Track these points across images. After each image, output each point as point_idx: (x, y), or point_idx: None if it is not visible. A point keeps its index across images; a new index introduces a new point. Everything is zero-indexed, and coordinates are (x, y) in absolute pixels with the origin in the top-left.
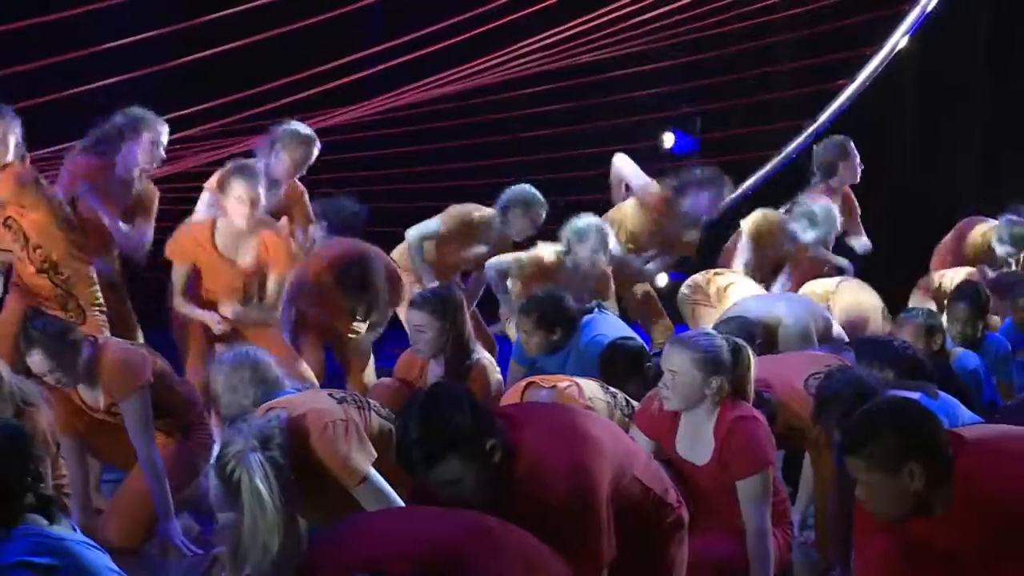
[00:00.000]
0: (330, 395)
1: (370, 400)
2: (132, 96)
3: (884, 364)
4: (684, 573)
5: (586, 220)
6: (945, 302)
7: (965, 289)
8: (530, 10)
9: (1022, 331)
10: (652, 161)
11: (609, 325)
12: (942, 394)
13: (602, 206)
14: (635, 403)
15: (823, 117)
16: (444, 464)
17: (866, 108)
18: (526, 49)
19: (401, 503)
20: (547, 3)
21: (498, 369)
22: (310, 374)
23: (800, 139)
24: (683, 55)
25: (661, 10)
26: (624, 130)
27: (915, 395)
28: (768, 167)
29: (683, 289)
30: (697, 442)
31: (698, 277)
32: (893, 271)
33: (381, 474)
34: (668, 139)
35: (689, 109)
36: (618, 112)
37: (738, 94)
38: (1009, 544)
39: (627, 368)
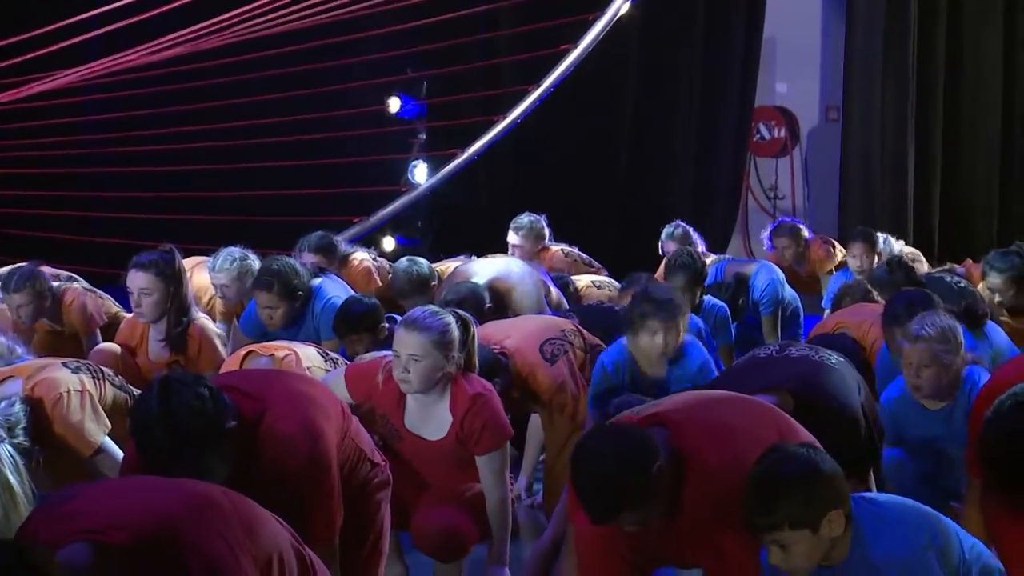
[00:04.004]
0: (64, 364)
1: (104, 369)
2: None
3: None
4: (388, 533)
5: None
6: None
7: (680, 258)
8: None
9: None
10: (379, 126)
11: (339, 287)
12: None
13: (334, 170)
14: None
15: (548, 82)
16: (195, 461)
17: (590, 73)
18: (253, 12)
19: None
20: None
21: (217, 329)
22: None
23: (525, 103)
24: (408, 19)
25: None
26: (350, 95)
27: None
28: (494, 132)
29: None
30: (430, 418)
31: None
32: (625, 227)
33: (116, 443)
34: (394, 104)
35: (415, 74)
36: (343, 77)
37: (463, 59)
38: (722, 513)
39: (362, 325)
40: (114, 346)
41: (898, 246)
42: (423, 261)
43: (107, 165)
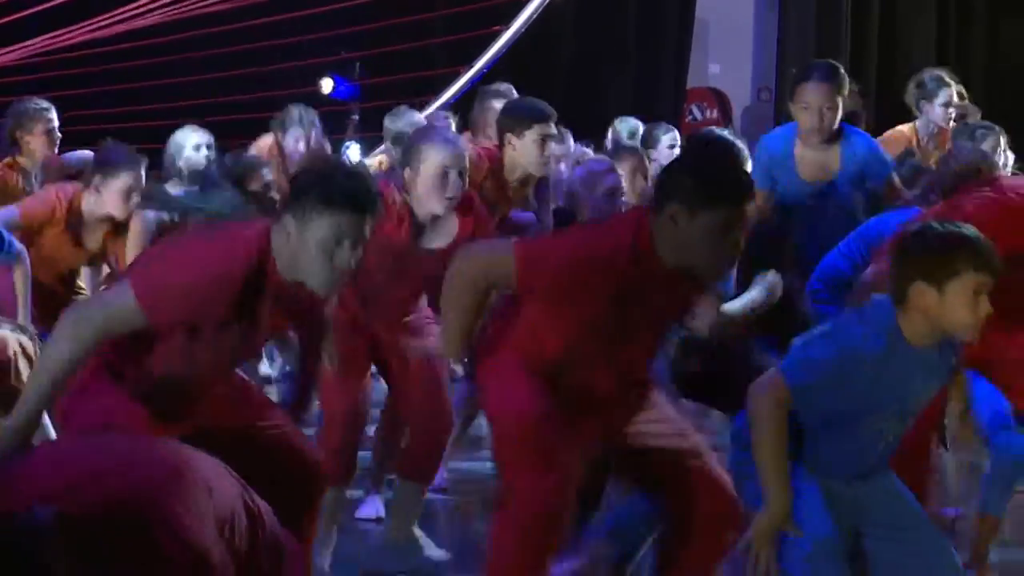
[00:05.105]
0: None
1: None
2: None
3: None
4: None
5: None
6: None
7: None
8: None
9: None
10: (312, 107)
11: None
12: None
13: None
14: None
15: (480, 63)
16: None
17: (522, 54)
18: None
19: (52, 432)
20: None
21: None
22: None
23: (458, 84)
24: (341, 0)
25: None
26: (283, 75)
27: None
28: (427, 112)
29: None
30: (440, 230)
31: None
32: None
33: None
34: (327, 84)
35: (348, 55)
36: (277, 57)
37: (397, 40)
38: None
39: None
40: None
41: None
42: None
43: None
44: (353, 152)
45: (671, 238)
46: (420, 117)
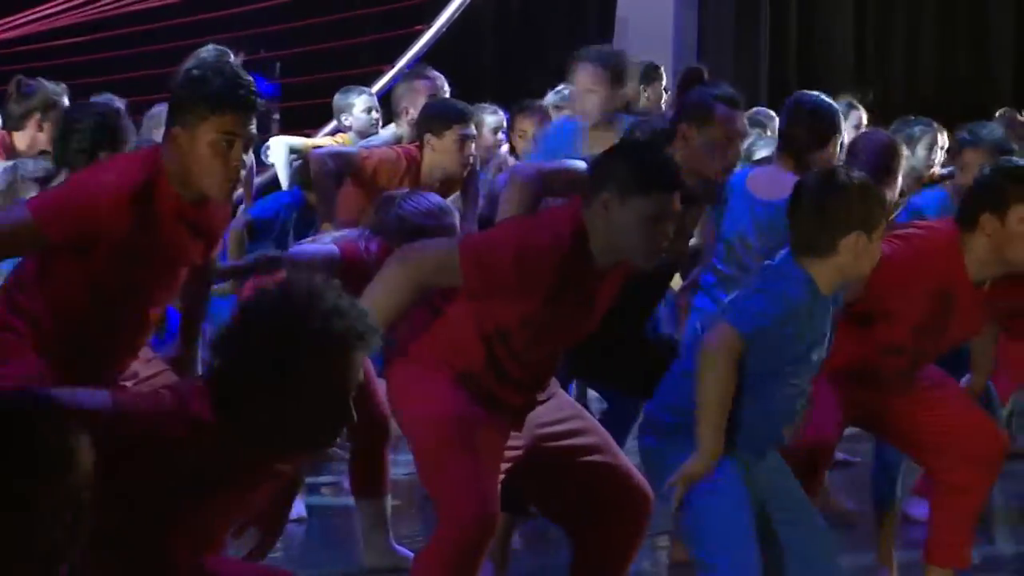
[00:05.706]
0: None
1: None
2: None
3: None
4: None
5: None
6: None
7: None
8: None
9: None
10: None
11: None
12: None
13: None
14: None
15: (402, 62)
16: None
17: (444, 53)
18: None
19: None
20: None
21: None
22: None
23: (380, 83)
24: None
25: None
26: None
27: None
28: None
29: None
30: None
31: None
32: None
33: None
34: None
35: (268, 54)
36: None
37: (317, 39)
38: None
39: None
40: None
41: None
42: None
43: None
44: (276, 149)
45: (602, 227)
46: (366, 91)
